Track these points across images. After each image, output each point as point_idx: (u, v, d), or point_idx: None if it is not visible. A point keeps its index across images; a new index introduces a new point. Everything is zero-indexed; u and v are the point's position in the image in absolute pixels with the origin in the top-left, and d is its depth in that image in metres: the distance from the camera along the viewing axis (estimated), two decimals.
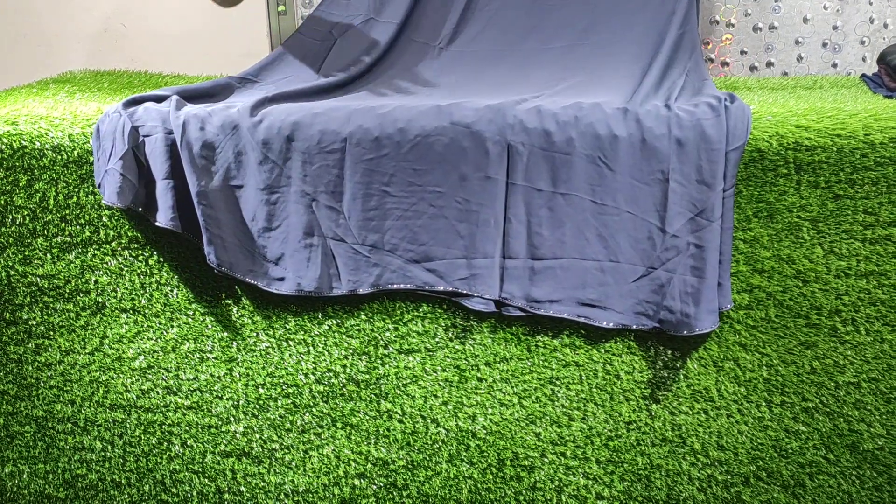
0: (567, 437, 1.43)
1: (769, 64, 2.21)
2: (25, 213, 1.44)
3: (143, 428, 1.51)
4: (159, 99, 1.43)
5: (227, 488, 1.52)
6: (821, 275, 1.33)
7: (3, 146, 1.41)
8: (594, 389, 1.41)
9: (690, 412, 1.41)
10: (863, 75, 1.82)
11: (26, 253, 1.46)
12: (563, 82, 1.49)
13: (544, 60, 1.56)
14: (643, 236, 1.33)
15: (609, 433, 1.43)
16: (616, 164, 1.31)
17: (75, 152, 1.41)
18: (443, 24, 1.61)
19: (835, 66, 2.20)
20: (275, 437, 1.49)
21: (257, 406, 1.49)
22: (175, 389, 1.49)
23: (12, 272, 1.47)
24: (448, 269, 1.38)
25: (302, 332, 1.45)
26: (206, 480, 1.52)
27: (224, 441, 1.50)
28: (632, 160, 1.31)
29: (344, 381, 1.46)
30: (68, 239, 1.45)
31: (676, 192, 1.30)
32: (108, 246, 1.45)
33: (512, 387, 1.43)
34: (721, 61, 2.22)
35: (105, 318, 1.48)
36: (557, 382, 1.42)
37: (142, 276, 1.46)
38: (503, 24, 1.62)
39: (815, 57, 2.19)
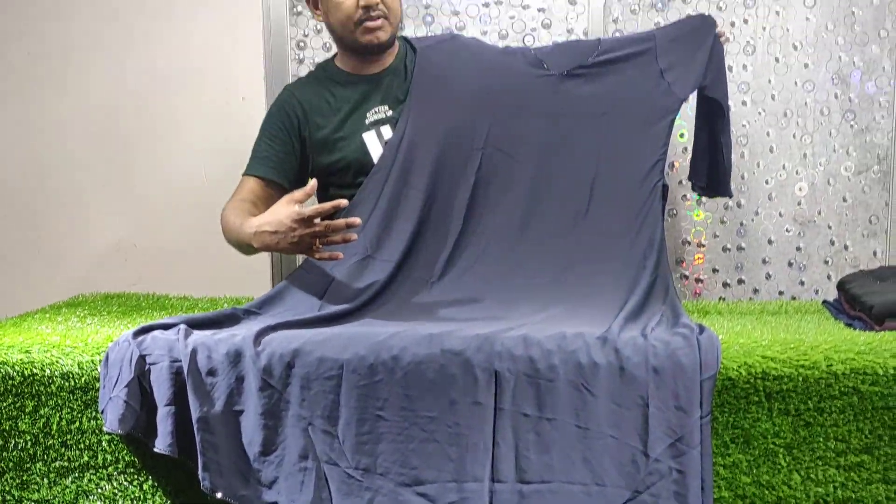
0: None
1: (740, 281, 2.36)
2: (28, 437, 1.48)
3: None
4: (167, 326, 1.52)
5: None
6: (801, 501, 1.37)
7: (15, 373, 1.48)
8: None
9: None
10: (824, 301, 1.95)
11: (24, 478, 1.49)
12: (545, 312, 1.61)
13: (527, 294, 1.68)
14: (627, 460, 1.37)
15: None
16: (597, 390, 1.39)
17: (83, 379, 1.47)
18: (435, 261, 1.75)
19: (802, 283, 2.34)
20: None
21: None
22: None
23: (8, 497, 1.49)
24: (438, 493, 1.41)
25: None
26: None
27: None
28: (612, 386, 1.38)
29: None
30: (66, 464, 1.48)
31: (656, 417, 1.36)
32: (104, 471, 1.48)
33: None
34: (695, 278, 2.37)
35: None
36: None
37: (135, 502, 1.48)
38: (490, 261, 1.76)
39: (783, 275, 2.34)
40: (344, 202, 1.56)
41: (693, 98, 2.00)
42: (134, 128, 2.36)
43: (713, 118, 1.97)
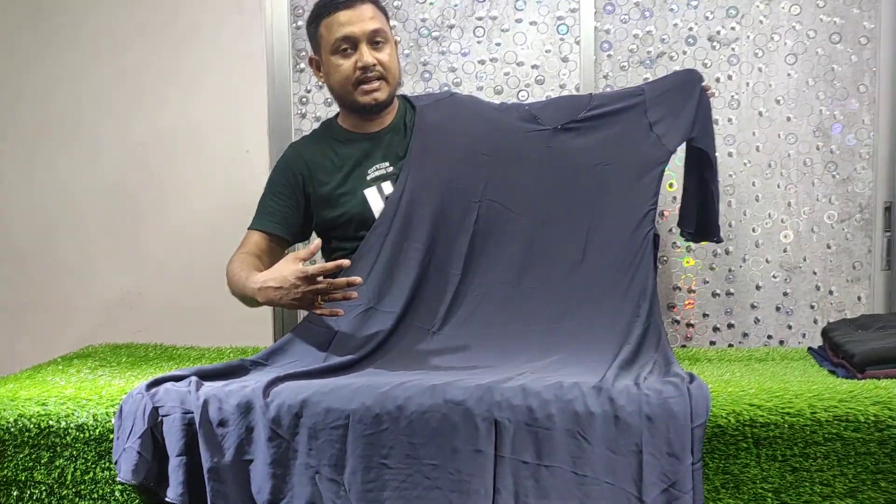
0: None
1: (730, 325, 2.43)
2: (43, 488, 1.53)
3: None
4: (179, 378, 1.58)
5: None
6: None
7: (32, 425, 1.53)
8: None
9: None
10: (809, 348, 2.01)
11: None
12: (542, 360, 1.67)
13: (525, 342, 1.75)
14: None
15: None
16: (593, 438, 1.45)
17: (97, 430, 1.52)
18: (436, 311, 1.82)
19: (790, 327, 2.41)
20: None
21: None
22: None
23: None
24: None
25: None
26: None
27: None
28: (607, 434, 1.44)
29: None
30: None
31: (650, 464, 1.42)
32: None
33: None
34: (686, 323, 2.44)
35: None
36: None
37: None
38: (487, 311, 1.84)
39: (771, 319, 2.41)
40: (346, 262, 1.63)
41: (681, 149, 2.08)
42: (140, 181, 2.43)
43: (701, 168, 2.04)
